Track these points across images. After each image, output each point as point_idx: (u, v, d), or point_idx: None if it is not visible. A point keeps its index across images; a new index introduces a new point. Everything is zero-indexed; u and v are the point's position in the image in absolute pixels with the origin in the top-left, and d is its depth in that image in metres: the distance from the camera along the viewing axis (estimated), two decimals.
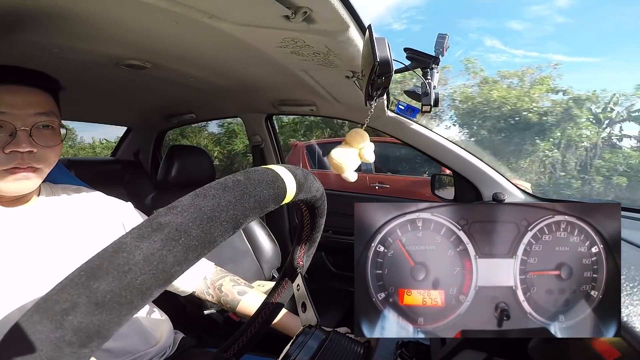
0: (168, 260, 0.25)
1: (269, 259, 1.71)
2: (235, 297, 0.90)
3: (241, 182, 0.33)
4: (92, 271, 0.23)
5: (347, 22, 0.71)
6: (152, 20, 0.79)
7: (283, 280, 0.63)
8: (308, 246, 0.59)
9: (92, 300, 0.22)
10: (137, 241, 0.25)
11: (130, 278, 0.24)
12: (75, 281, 0.23)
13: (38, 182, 0.69)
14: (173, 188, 1.53)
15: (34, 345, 0.21)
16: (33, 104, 0.66)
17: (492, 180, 1.49)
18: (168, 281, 0.26)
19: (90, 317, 0.22)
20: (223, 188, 0.32)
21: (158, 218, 0.27)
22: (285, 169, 0.41)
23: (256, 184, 0.35)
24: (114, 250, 0.24)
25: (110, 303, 0.23)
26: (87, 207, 0.81)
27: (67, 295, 0.22)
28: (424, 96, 0.99)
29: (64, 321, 0.21)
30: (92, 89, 1.48)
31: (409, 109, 1.41)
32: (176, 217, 0.28)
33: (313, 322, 0.59)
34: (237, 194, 0.32)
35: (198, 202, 0.29)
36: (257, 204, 0.34)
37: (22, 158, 0.64)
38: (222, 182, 0.33)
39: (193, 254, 0.27)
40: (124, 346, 0.75)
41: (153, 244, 0.25)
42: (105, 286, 0.23)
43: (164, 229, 0.26)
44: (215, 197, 0.31)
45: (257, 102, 1.73)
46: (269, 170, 0.38)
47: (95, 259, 0.24)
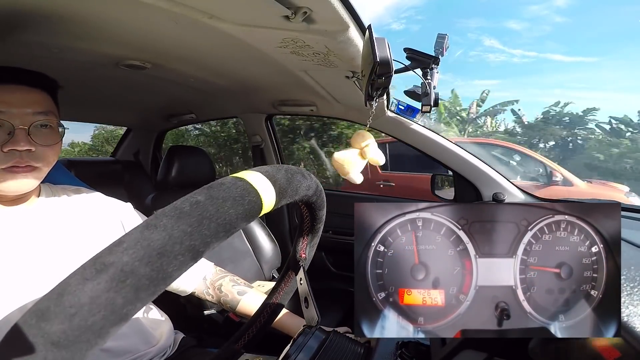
0: (117, 302, 0.24)
1: (269, 259, 1.71)
2: (235, 297, 0.90)
3: (200, 203, 0.30)
4: (41, 313, 0.23)
5: (347, 22, 0.71)
6: (152, 21, 0.79)
7: (287, 272, 0.63)
8: (310, 238, 0.58)
9: (48, 341, 0.22)
10: (80, 284, 0.24)
11: (79, 320, 0.23)
12: (28, 323, 0.23)
13: (37, 182, 0.69)
14: (173, 188, 1.53)
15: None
16: (31, 103, 0.66)
17: (492, 180, 1.49)
18: (124, 319, 0.25)
19: (53, 354, 0.22)
20: (177, 216, 0.28)
21: (102, 257, 0.25)
22: (262, 176, 0.36)
23: (220, 203, 0.31)
24: (59, 293, 0.24)
25: (66, 342, 0.22)
26: (87, 207, 0.81)
27: (23, 337, 0.22)
28: (424, 96, 0.99)
29: (33, 358, 0.22)
30: (92, 90, 1.48)
31: (409, 109, 1.41)
32: (122, 256, 0.25)
33: (314, 320, 0.59)
34: (195, 219, 0.29)
35: (147, 235, 0.27)
36: (221, 227, 0.30)
37: (21, 156, 0.64)
38: (178, 206, 0.29)
39: (145, 293, 0.25)
40: (123, 346, 0.75)
41: (97, 286, 0.24)
42: (56, 328, 0.22)
43: (108, 270, 0.25)
44: (166, 227, 0.27)
45: (257, 103, 1.73)
46: (238, 182, 0.34)
47: (43, 301, 0.23)
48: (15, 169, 0.64)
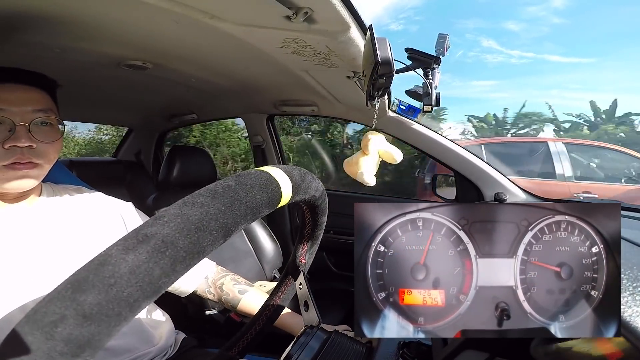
0: (155, 273, 0.25)
1: (271, 259, 1.71)
2: (237, 296, 0.90)
3: (232, 187, 0.33)
4: (78, 284, 0.23)
5: (348, 22, 0.71)
6: (153, 21, 0.79)
7: (286, 278, 0.63)
8: (310, 244, 0.59)
9: (79, 313, 0.22)
10: (122, 253, 0.25)
11: (116, 291, 0.23)
12: (62, 294, 0.23)
13: (39, 179, 0.70)
14: (175, 188, 1.53)
15: (28, 355, 0.21)
16: (31, 101, 0.67)
17: (493, 180, 1.49)
18: (156, 293, 0.25)
19: (80, 328, 0.22)
20: (212, 195, 0.31)
21: (144, 229, 0.27)
22: (281, 171, 0.40)
23: (248, 188, 0.34)
24: (99, 263, 0.24)
25: (98, 315, 0.22)
26: (89, 207, 0.82)
27: (55, 307, 0.22)
28: (425, 96, 0.99)
29: (54, 333, 0.21)
30: (94, 90, 1.48)
31: (410, 109, 1.41)
32: (163, 228, 0.27)
33: (315, 321, 0.59)
34: (227, 200, 0.31)
35: (185, 211, 0.29)
36: (249, 210, 0.33)
37: (22, 153, 0.65)
38: (212, 188, 0.32)
39: (181, 265, 0.27)
40: (124, 345, 0.75)
41: (139, 256, 0.25)
42: (91, 299, 0.23)
43: (150, 241, 0.26)
44: (203, 205, 0.30)
45: (259, 103, 1.73)
46: (262, 173, 0.37)
47: (82, 271, 0.24)
48: (17, 166, 0.65)
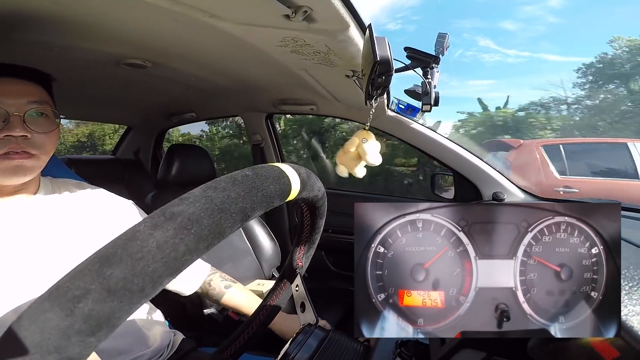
0: (180, 249, 0.26)
1: (269, 257, 1.71)
2: (222, 290, 0.98)
3: (249, 176, 0.34)
4: (106, 258, 0.24)
5: (347, 21, 0.71)
6: (152, 20, 0.79)
7: (282, 281, 0.63)
8: (307, 247, 0.59)
9: (104, 287, 0.22)
10: (150, 229, 0.26)
11: (142, 265, 0.24)
12: (89, 268, 0.23)
13: (35, 170, 0.69)
14: (173, 187, 1.53)
15: (42, 334, 0.21)
16: (25, 93, 0.67)
17: (492, 179, 1.49)
18: (178, 270, 0.26)
19: (102, 304, 0.22)
20: (233, 181, 0.33)
21: (171, 208, 0.28)
22: (290, 167, 0.41)
23: (263, 179, 0.36)
24: (127, 238, 0.25)
25: (122, 290, 0.23)
26: (88, 202, 0.81)
27: (79, 282, 0.22)
28: (424, 95, 0.99)
29: (75, 309, 0.22)
30: (93, 88, 1.48)
31: (409, 108, 1.41)
32: (188, 207, 0.28)
33: (312, 321, 0.59)
34: (246, 187, 0.33)
35: (209, 193, 0.30)
36: (265, 198, 0.35)
37: (17, 142, 0.65)
38: (232, 176, 0.34)
39: (204, 243, 0.28)
40: (118, 347, 0.75)
41: (166, 232, 0.26)
42: (118, 273, 0.23)
43: (176, 218, 0.27)
44: (225, 189, 0.31)
45: (258, 101, 1.73)
46: (275, 167, 0.39)
47: (109, 246, 0.24)
48: (11, 155, 0.64)
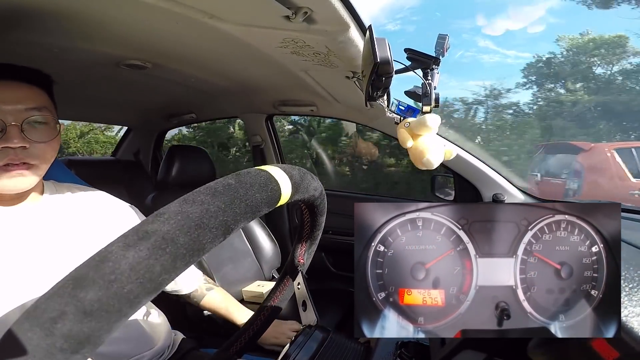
0: (155, 270, 0.25)
1: (269, 259, 1.71)
2: (203, 292, 1.00)
3: (232, 185, 0.33)
4: (78, 280, 0.23)
5: (347, 22, 0.71)
6: (152, 21, 0.79)
7: (284, 278, 0.63)
8: (309, 244, 0.59)
9: (79, 309, 0.22)
10: (122, 250, 0.25)
11: (116, 287, 0.23)
12: (62, 290, 0.23)
13: (35, 179, 0.67)
14: (173, 188, 1.53)
15: (27, 351, 0.21)
16: (23, 99, 0.65)
17: (492, 181, 1.49)
18: (156, 289, 0.26)
19: (79, 325, 0.22)
20: (212, 193, 0.31)
21: (144, 226, 0.27)
22: (280, 170, 0.40)
23: (248, 187, 0.34)
24: (100, 260, 0.24)
25: (99, 311, 0.23)
26: (92, 206, 0.81)
27: (55, 304, 0.22)
28: (424, 97, 0.99)
29: (54, 329, 0.21)
30: (93, 89, 1.48)
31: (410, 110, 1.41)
32: (163, 225, 0.27)
33: (313, 321, 0.59)
34: (227, 199, 0.31)
35: (185, 208, 0.29)
36: (249, 209, 0.33)
37: (15, 154, 0.62)
38: (212, 186, 0.32)
39: (181, 262, 0.27)
40: (118, 350, 0.74)
41: (139, 252, 0.25)
42: (92, 295, 0.23)
43: (150, 238, 0.26)
44: (203, 203, 0.30)
45: (258, 103, 1.73)
46: (262, 172, 0.37)
47: (82, 268, 0.24)
48: (10, 167, 0.63)
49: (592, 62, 9.15)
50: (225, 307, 1.01)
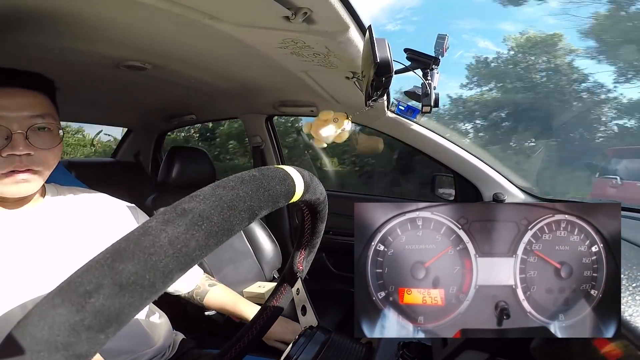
0: (191, 245, 0.27)
1: (270, 259, 1.71)
2: (206, 288, 0.98)
3: (257, 177, 0.35)
4: (118, 253, 0.24)
5: (347, 22, 0.71)
6: (152, 22, 0.79)
7: (282, 285, 0.63)
8: (308, 251, 0.59)
9: (116, 282, 0.23)
10: (162, 225, 0.26)
11: (154, 260, 0.24)
12: (101, 263, 0.23)
13: (38, 185, 0.69)
14: (173, 189, 1.53)
15: (51, 330, 0.20)
16: (28, 106, 0.65)
17: (492, 180, 1.49)
18: (189, 265, 0.27)
19: (113, 299, 0.22)
20: (241, 181, 0.34)
21: (182, 205, 0.29)
22: (294, 169, 0.42)
23: (270, 179, 0.36)
24: (140, 234, 0.25)
25: (134, 285, 0.23)
26: (93, 208, 0.81)
27: (91, 277, 0.22)
28: (424, 97, 0.99)
29: (86, 304, 0.21)
30: (92, 90, 1.48)
31: (409, 110, 1.41)
32: (199, 204, 0.29)
33: (314, 324, 0.59)
34: (254, 187, 0.34)
35: (219, 192, 0.31)
36: (271, 198, 0.35)
37: (20, 161, 0.64)
38: (240, 176, 0.35)
39: (213, 239, 0.28)
40: (121, 347, 0.75)
41: (177, 228, 0.26)
42: (130, 268, 0.23)
43: (188, 215, 0.28)
44: (234, 188, 0.32)
45: (258, 103, 1.73)
46: (280, 169, 0.40)
47: (122, 241, 0.25)
48: (15, 174, 0.64)
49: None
50: (232, 303, 0.98)
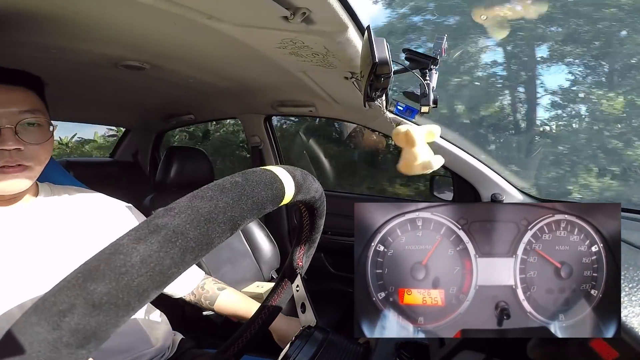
0: (165, 262, 0.25)
1: (268, 259, 1.71)
2: (215, 292, 0.95)
3: (239, 183, 0.33)
4: (89, 273, 0.23)
5: (345, 23, 0.71)
6: (150, 21, 0.79)
7: (282, 281, 0.63)
8: (307, 247, 0.59)
9: (89, 302, 0.22)
10: (134, 243, 0.25)
11: (127, 280, 0.23)
12: (73, 283, 0.23)
13: (30, 181, 0.68)
14: (172, 189, 1.52)
15: (32, 346, 0.21)
16: (16, 101, 0.65)
17: (490, 181, 1.49)
18: (165, 283, 0.26)
19: (88, 318, 0.22)
20: (220, 190, 0.32)
21: (155, 220, 0.27)
22: (284, 170, 0.41)
23: (254, 185, 0.34)
24: (111, 252, 0.24)
25: (107, 305, 0.23)
26: (88, 208, 0.81)
27: (64, 297, 0.22)
28: (422, 97, 0.99)
29: (61, 322, 0.21)
30: (91, 90, 1.48)
31: (408, 110, 1.41)
32: (173, 219, 0.27)
33: (312, 322, 0.59)
34: (235, 195, 0.32)
35: (195, 203, 0.29)
36: (255, 206, 0.34)
37: (10, 156, 0.63)
38: (220, 183, 0.33)
39: (190, 255, 0.27)
40: (122, 346, 0.75)
41: (150, 245, 0.25)
42: (102, 288, 0.23)
43: (160, 231, 0.26)
44: (212, 198, 0.30)
45: (256, 103, 1.73)
46: (267, 172, 0.38)
47: (93, 261, 0.24)
48: (6, 169, 0.63)
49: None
50: (245, 308, 0.95)
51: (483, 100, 4.25)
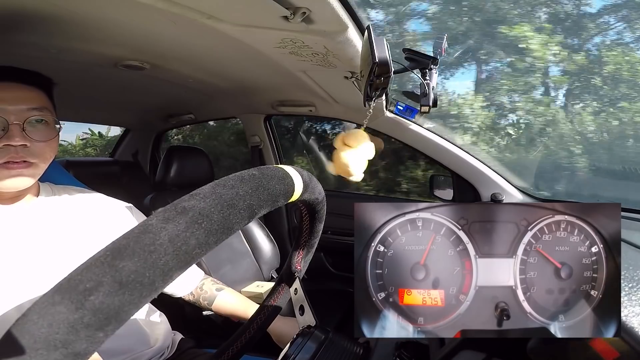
0: (191, 243, 0.27)
1: (268, 259, 1.71)
2: (214, 293, 0.97)
3: (256, 175, 0.35)
4: (118, 251, 0.24)
5: (346, 22, 0.71)
6: (150, 21, 0.79)
7: (280, 285, 0.63)
8: (306, 251, 0.59)
9: (116, 279, 0.23)
10: (162, 223, 0.26)
11: (154, 258, 0.24)
12: (101, 260, 0.23)
13: (34, 178, 0.69)
14: (172, 189, 1.52)
15: (50, 328, 0.20)
16: (25, 99, 0.66)
17: (490, 180, 1.49)
18: (188, 263, 0.27)
19: (112, 297, 0.22)
20: (240, 180, 0.34)
21: (182, 203, 0.29)
22: (293, 169, 0.42)
23: (269, 179, 0.36)
24: (140, 231, 0.25)
25: (133, 283, 0.23)
26: (89, 207, 0.81)
27: (91, 274, 0.22)
28: (422, 97, 0.99)
29: (86, 301, 0.21)
30: (91, 90, 1.48)
31: (408, 110, 1.41)
32: (199, 202, 0.29)
33: (312, 323, 0.59)
34: (253, 185, 0.34)
35: (218, 190, 0.31)
36: (270, 197, 0.35)
37: (16, 152, 0.64)
38: (239, 175, 0.35)
39: (213, 237, 0.29)
40: (121, 346, 0.75)
41: (178, 226, 0.26)
42: (130, 265, 0.23)
43: (188, 213, 0.28)
44: (233, 187, 0.32)
45: (256, 103, 1.73)
46: (279, 168, 0.40)
47: (122, 239, 0.25)
48: (11, 165, 0.64)
49: None
50: (243, 309, 0.96)
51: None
